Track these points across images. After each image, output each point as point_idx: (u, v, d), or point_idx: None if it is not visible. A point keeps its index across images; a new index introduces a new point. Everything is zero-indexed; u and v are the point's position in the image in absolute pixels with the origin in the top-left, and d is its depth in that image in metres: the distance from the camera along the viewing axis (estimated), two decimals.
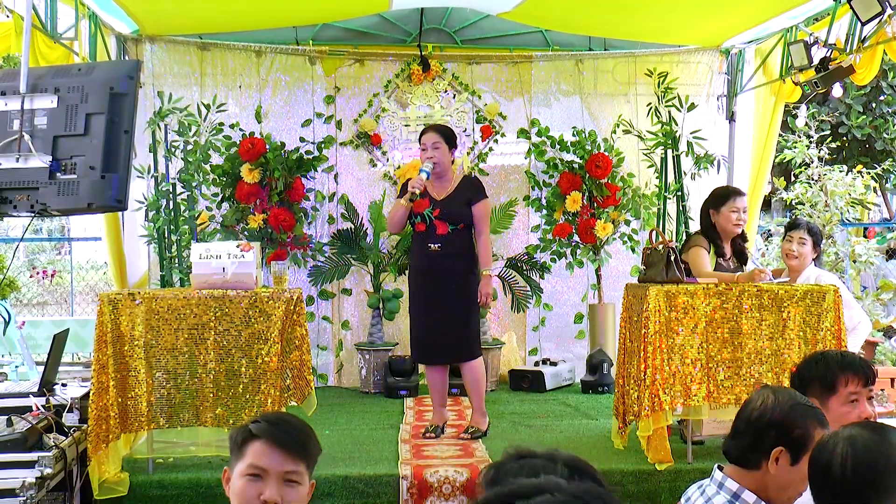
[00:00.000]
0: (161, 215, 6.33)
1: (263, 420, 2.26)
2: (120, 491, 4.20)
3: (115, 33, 6.62)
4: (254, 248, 4.43)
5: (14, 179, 2.47)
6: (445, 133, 5.19)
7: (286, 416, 2.36)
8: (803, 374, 2.84)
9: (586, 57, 7.54)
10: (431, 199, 5.12)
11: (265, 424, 2.23)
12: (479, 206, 5.15)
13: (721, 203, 5.06)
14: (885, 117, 11.60)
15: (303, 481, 2.22)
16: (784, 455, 2.36)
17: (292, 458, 2.20)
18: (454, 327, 5.11)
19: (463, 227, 5.13)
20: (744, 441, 2.43)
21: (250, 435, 2.22)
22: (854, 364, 2.81)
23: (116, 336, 4.26)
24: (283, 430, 2.23)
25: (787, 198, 8.35)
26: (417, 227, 5.16)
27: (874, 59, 5.75)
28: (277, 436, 2.20)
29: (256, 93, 7.20)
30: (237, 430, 2.29)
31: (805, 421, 2.38)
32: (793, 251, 5.17)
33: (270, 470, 2.18)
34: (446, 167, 5.15)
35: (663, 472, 4.41)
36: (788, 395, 2.48)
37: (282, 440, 2.20)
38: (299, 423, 2.31)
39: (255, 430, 2.22)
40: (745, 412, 2.47)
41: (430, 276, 5.14)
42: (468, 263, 5.16)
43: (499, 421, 5.73)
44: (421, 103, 7.41)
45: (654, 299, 4.41)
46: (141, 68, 6.57)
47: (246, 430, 2.24)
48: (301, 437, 2.26)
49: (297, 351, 4.42)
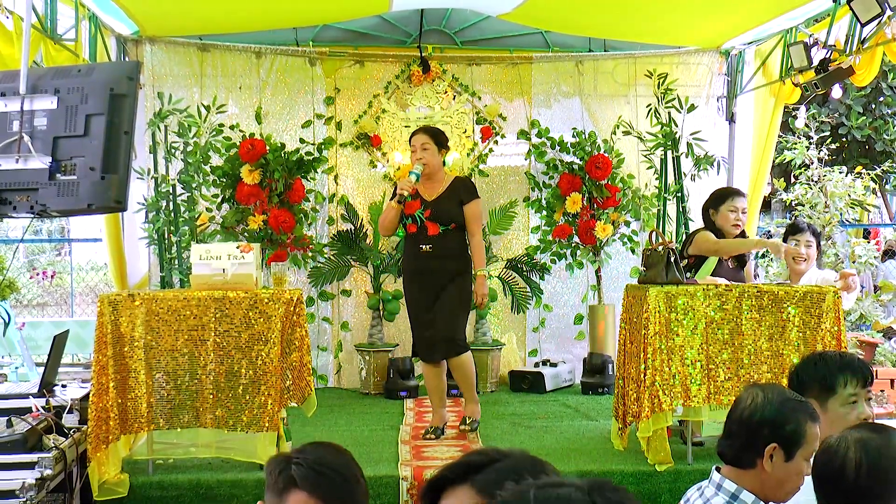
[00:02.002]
0: (161, 216, 6.33)
1: (307, 464, 1.99)
2: (120, 492, 4.20)
3: (115, 34, 6.62)
4: (254, 250, 4.44)
5: (14, 180, 2.46)
6: (434, 134, 5.22)
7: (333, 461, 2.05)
8: (802, 376, 2.84)
9: (586, 58, 7.55)
10: (422, 200, 5.13)
11: (310, 472, 1.98)
12: (471, 207, 5.16)
13: (720, 203, 5.06)
14: (884, 118, 11.60)
15: None
16: (778, 452, 2.37)
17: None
18: (446, 326, 5.12)
19: (454, 228, 5.14)
20: (737, 441, 2.44)
21: (293, 482, 1.98)
22: (853, 365, 2.82)
23: (116, 337, 4.26)
24: (331, 483, 1.98)
25: (786, 199, 8.34)
26: (409, 228, 5.18)
27: (874, 60, 5.75)
28: (324, 489, 1.97)
29: (256, 94, 7.20)
30: (276, 465, 2.04)
31: (796, 416, 2.40)
32: (801, 254, 5.15)
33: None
34: (436, 168, 5.17)
35: (663, 474, 4.40)
36: (777, 391, 2.48)
37: (328, 497, 1.96)
38: (347, 468, 2.04)
39: (299, 479, 1.98)
40: (735, 412, 2.48)
41: (421, 277, 5.17)
42: (460, 264, 5.17)
43: (499, 422, 5.73)
44: (421, 104, 7.41)
45: (653, 300, 4.41)
46: (141, 69, 6.57)
47: (288, 474, 1.99)
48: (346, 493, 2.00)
49: (298, 352, 4.42)
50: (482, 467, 1.52)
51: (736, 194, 5.10)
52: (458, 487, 1.52)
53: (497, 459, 1.53)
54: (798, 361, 3.02)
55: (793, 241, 5.22)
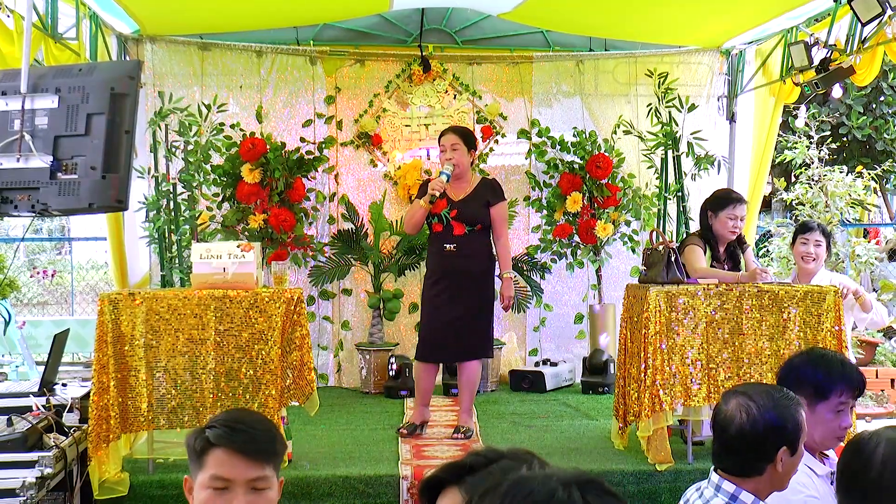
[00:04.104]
0: (162, 215, 6.34)
1: (221, 425, 2.08)
2: (120, 491, 4.19)
3: (115, 33, 6.62)
4: (254, 249, 4.43)
5: (15, 179, 2.47)
6: (464, 135, 5.23)
7: (245, 417, 2.17)
8: (800, 375, 2.80)
9: (587, 57, 7.55)
10: (449, 199, 5.14)
11: (224, 430, 2.06)
12: (498, 208, 5.17)
13: (719, 208, 5.02)
14: (885, 118, 11.58)
15: (271, 485, 2.08)
16: (785, 451, 2.38)
17: (258, 464, 2.05)
18: (465, 327, 5.12)
19: (480, 229, 5.15)
20: (743, 455, 2.40)
21: (209, 443, 2.05)
22: (851, 377, 2.78)
23: (117, 336, 4.26)
24: (245, 435, 2.06)
25: (787, 198, 8.35)
26: (434, 227, 5.19)
27: (874, 59, 5.75)
28: (239, 443, 2.04)
29: (257, 93, 7.20)
30: (194, 436, 2.10)
31: (792, 412, 2.41)
32: (810, 254, 5.08)
33: (236, 480, 2.03)
34: (465, 169, 5.18)
35: (664, 473, 4.41)
36: (763, 395, 2.44)
37: (244, 448, 2.04)
38: (261, 423, 2.15)
39: (214, 438, 2.05)
40: (731, 427, 2.41)
41: (445, 277, 5.16)
42: (484, 264, 5.17)
43: (499, 421, 5.74)
44: (421, 104, 7.41)
45: (654, 300, 4.41)
46: (142, 68, 6.56)
47: (203, 438, 2.06)
48: (265, 440, 2.09)
49: (298, 351, 4.42)
50: (476, 469, 1.52)
51: (737, 202, 5.03)
52: (451, 489, 1.53)
53: (493, 461, 1.53)
54: (797, 355, 2.97)
55: (802, 240, 5.13)
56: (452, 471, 1.54)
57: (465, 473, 1.52)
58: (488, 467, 1.51)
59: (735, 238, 5.09)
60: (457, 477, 1.53)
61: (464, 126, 5.94)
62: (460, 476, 1.52)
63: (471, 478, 1.51)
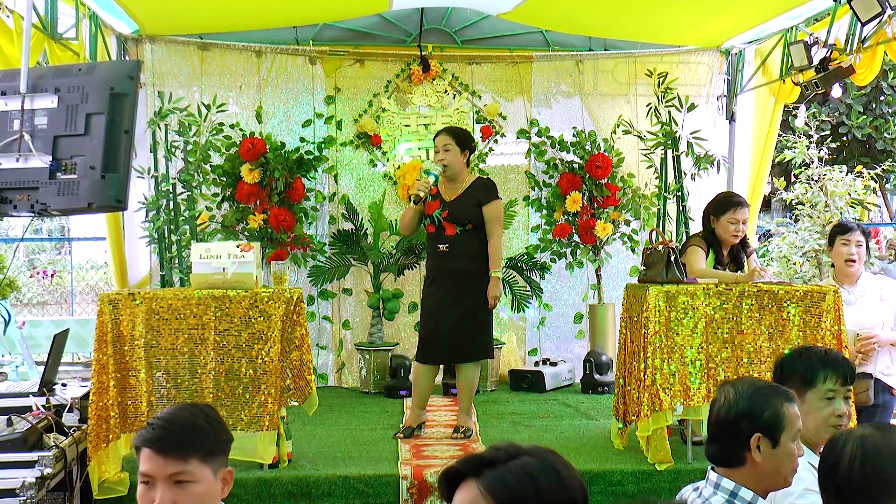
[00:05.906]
0: (161, 215, 6.34)
1: (149, 424, 2.28)
2: (120, 491, 4.19)
3: (115, 33, 6.63)
4: (254, 249, 4.44)
5: (14, 179, 2.47)
6: (457, 135, 5.21)
7: (173, 415, 2.32)
8: (785, 367, 2.90)
9: (586, 57, 7.55)
10: (442, 200, 5.14)
11: (145, 431, 2.25)
12: (490, 208, 5.15)
13: (721, 212, 4.99)
14: (885, 118, 11.60)
15: (196, 478, 2.23)
16: (763, 441, 2.39)
17: (174, 460, 2.20)
18: (461, 327, 5.11)
19: (472, 228, 5.13)
20: (721, 442, 2.45)
21: (139, 442, 2.24)
22: (836, 362, 2.86)
23: (117, 336, 4.26)
24: (161, 433, 2.22)
25: (787, 198, 8.34)
26: (428, 228, 5.20)
27: (874, 59, 5.76)
28: (154, 441, 2.21)
29: (256, 93, 7.20)
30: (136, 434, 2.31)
31: (770, 401, 2.42)
32: (853, 255, 4.81)
33: (156, 475, 2.21)
34: (458, 169, 5.17)
35: (663, 473, 4.40)
36: (747, 383, 2.51)
37: (159, 445, 2.21)
38: (186, 420, 2.29)
39: (136, 440, 2.25)
40: (712, 414, 2.50)
41: (439, 277, 5.17)
42: (477, 264, 5.14)
43: (499, 421, 5.74)
44: (421, 103, 7.42)
45: (654, 299, 4.41)
46: (141, 68, 6.59)
47: (137, 437, 2.26)
48: (181, 438, 2.23)
49: (298, 351, 4.42)
50: (496, 463, 1.55)
51: (738, 206, 4.97)
52: (469, 481, 1.56)
53: (514, 456, 1.56)
54: (787, 352, 3.07)
55: (842, 241, 4.85)
56: (472, 464, 1.57)
57: (485, 467, 1.55)
58: (507, 463, 1.54)
59: (739, 242, 5.06)
60: (475, 470, 1.56)
61: (459, 127, 5.93)
62: (479, 469, 1.55)
63: (489, 472, 1.54)
